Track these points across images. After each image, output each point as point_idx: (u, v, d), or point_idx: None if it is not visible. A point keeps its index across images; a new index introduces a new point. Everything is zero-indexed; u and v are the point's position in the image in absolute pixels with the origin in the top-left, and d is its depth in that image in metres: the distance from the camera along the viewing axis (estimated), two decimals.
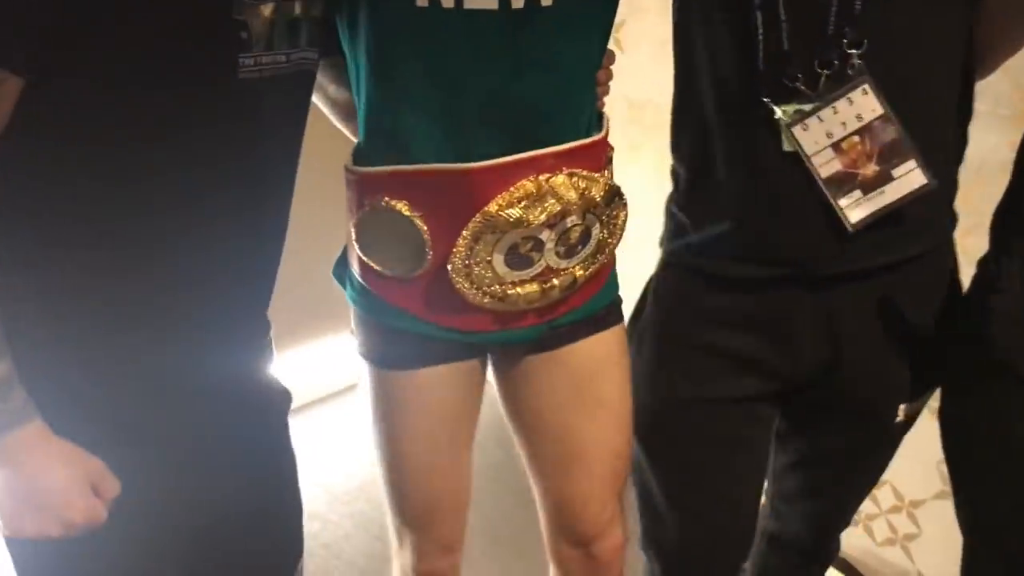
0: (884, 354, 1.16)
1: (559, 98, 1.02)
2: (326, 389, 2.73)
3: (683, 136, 1.19)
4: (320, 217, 1.54)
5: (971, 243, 1.17)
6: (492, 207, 0.99)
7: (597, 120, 1.11)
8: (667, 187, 1.26)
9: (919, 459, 1.76)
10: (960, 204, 1.16)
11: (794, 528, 1.41)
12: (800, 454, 1.33)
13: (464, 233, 1.00)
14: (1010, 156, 1.07)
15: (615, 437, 1.21)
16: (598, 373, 1.18)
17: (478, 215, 0.99)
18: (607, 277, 1.18)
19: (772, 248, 1.11)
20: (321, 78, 1.08)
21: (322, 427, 2.63)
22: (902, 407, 1.20)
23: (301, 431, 1.23)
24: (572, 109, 1.05)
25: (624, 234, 1.13)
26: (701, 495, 1.28)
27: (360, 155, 1.07)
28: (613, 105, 1.17)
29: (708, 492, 1.27)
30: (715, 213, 1.15)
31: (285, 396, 1.13)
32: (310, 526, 2.23)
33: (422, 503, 1.23)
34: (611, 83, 1.14)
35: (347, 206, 1.09)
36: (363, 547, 2.21)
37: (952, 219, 1.16)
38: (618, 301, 1.21)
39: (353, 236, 1.07)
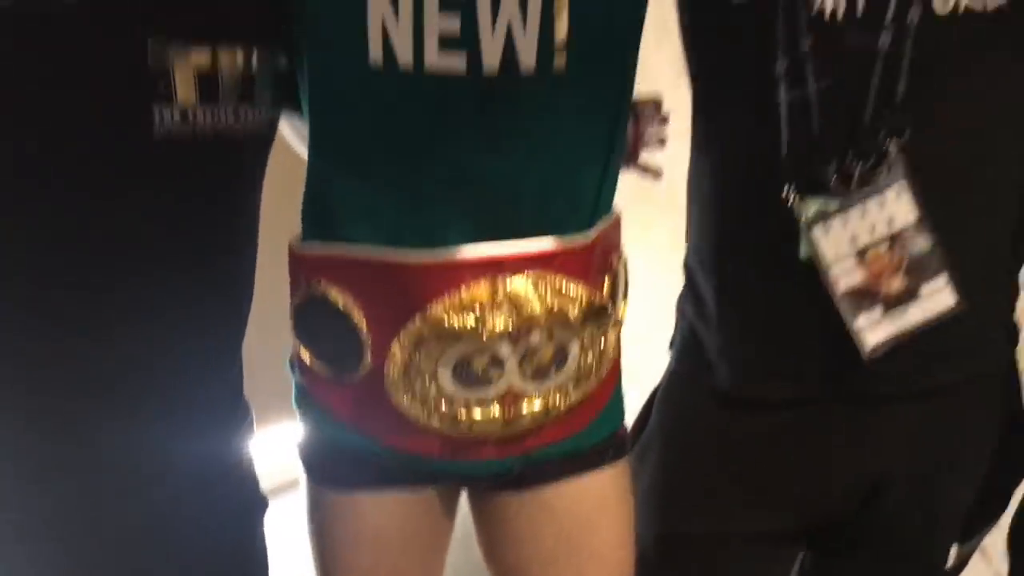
0: (936, 485, 0.99)
1: (547, 179, 0.83)
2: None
3: (694, 222, 1.04)
4: None
5: None
6: (435, 311, 0.81)
7: (607, 206, 0.91)
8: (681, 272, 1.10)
9: None
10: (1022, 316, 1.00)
11: None
12: None
13: (401, 337, 0.82)
14: None
15: None
16: (591, 521, 0.96)
17: (417, 318, 0.82)
18: (605, 403, 0.96)
19: (794, 365, 0.95)
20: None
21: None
22: (954, 548, 1.03)
23: (277, 516, 1.04)
24: (566, 192, 0.85)
25: (619, 348, 0.93)
26: None
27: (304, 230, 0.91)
28: (622, 177, 0.97)
29: None
30: (728, 321, 0.99)
31: (259, 499, 0.96)
32: None
33: None
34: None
35: None
36: None
37: (1010, 334, 1.00)
38: (621, 433, 1.00)
39: (292, 325, 0.91)
